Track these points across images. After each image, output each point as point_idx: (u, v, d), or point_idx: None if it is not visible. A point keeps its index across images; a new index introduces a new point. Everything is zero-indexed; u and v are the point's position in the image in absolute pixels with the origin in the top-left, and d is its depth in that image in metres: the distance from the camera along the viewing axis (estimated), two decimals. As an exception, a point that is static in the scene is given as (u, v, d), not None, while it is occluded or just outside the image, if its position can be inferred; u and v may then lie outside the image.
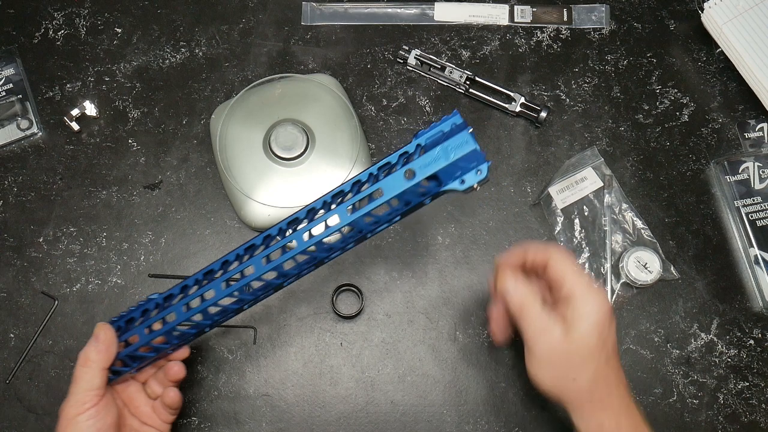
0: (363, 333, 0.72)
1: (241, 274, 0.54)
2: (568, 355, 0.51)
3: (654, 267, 0.71)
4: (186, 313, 0.55)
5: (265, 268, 0.53)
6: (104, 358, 0.56)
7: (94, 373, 0.55)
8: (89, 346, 0.56)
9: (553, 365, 0.52)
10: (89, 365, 0.55)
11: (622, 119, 0.78)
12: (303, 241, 0.52)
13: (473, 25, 0.82)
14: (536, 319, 0.52)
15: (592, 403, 0.52)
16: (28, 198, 0.76)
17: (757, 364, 0.70)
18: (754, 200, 0.74)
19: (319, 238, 0.52)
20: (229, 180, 0.72)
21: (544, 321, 0.52)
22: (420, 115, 0.78)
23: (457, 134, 0.48)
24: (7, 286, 0.73)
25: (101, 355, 0.56)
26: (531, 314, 0.52)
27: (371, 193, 0.50)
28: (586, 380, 0.52)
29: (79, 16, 0.82)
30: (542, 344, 0.52)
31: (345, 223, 0.51)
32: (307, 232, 0.52)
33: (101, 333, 0.57)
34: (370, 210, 0.50)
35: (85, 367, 0.55)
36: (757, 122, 0.78)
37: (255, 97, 0.75)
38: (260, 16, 0.82)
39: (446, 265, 0.74)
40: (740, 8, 0.77)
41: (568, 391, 0.52)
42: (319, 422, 0.70)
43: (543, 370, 0.53)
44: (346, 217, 0.51)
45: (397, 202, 0.51)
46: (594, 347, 0.51)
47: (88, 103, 0.78)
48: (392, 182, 0.49)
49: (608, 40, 0.81)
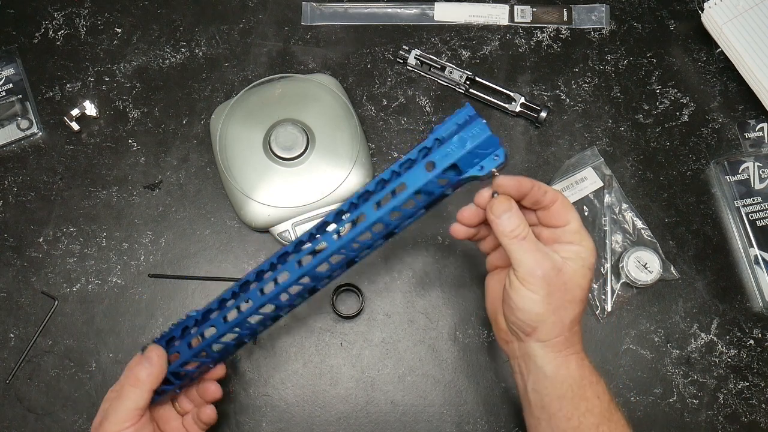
0: (363, 333, 0.72)
1: (275, 282, 0.54)
2: (564, 289, 0.51)
3: (654, 267, 0.71)
4: (225, 324, 0.56)
5: (299, 271, 0.53)
6: (154, 380, 0.56)
7: (141, 394, 0.55)
8: (140, 366, 0.56)
9: (549, 295, 0.51)
10: (139, 386, 0.55)
11: (622, 119, 0.78)
12: (333, 241, 0.53)
13: (473, 25, 0.82)
14: (536, 250, 0.51)
15: (568, 343, 0.52)
16: (28, 198, 0.76)
17: (757, 364, 0.70)
18: (754, 200, 0.74)
19: (351, 236, 0.52)
20: (229, 180, 0.72)
21: (543, 251, 0.51)
22: (420, 115, 0.78)
23: (471, 124, 0.50)
24: (7, 286, 0.73)
25: (151, 377, 0.56)
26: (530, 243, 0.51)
27: (395, 189, 0.52)
28: (569, 319, 0.52)
29: (79, 16, 0.82)
30: (541, 272, 0.51)
31: (372, 221, 0.52)
32: (336, 234, 0.53)
33: (153, 354, 0.56)
34: (397, 204, 0.51)
35: (135, 387, 0.55)
36: (757, 122, 0.78)
37: (255, 97, 0.75)
38: (260, 16, 0.82)
39: (446, 266, 0.74)
40: (740, 8, 0.77)
41: (551, 325, 0.52)
42: (319, 422, 0.70)
43: (535, 298, 0.51)
44: (374, 214, 0.52)
45: (421, 195, 0.52)
46: (584, 289, 0.52)
47: (88, 103, 0.78)
48: (414, 175, 0.51)
49: (608, 40, 0.81)
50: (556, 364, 0.52)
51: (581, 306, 0.53)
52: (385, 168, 0.77)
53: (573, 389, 0.52)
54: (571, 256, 0.52)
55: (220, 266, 0.74)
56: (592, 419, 0.52)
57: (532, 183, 0.52)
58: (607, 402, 0.53)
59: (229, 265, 0.74)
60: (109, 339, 0.72)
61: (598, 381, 0.54)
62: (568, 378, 0.52)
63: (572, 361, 0.53)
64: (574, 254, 0.52)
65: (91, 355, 0.71)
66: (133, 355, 0.71)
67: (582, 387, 0.52)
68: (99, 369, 0.71)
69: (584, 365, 0.53)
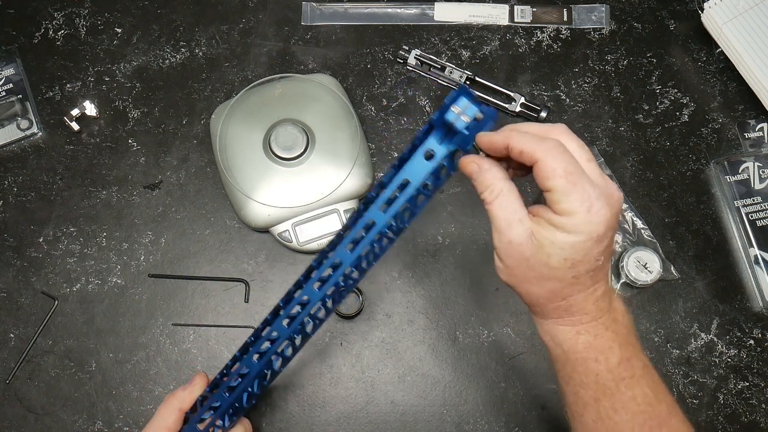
0: (363, 333, 0.72)
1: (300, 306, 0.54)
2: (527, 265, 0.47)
3: (654, 267, 0.71)
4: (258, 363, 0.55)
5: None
6: (187, 398, 0.57)
7: (171, 410, 0.57)
8: (180, 387, 0.58)
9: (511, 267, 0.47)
10: (170, 401, 0.57)
11: (622, 119, 0.78)
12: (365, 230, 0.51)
13: (473, 25, 0.82)
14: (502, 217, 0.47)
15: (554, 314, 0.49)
16: (28, 198, 0.76)
17: (757, 364, 0.70)
18: (754, 200, 0.74)
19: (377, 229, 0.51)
20: (229, 180, 0.72)
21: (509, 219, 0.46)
22: (420, 115, 0.78)
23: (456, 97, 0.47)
24: (7, 286, 0.73)
25: (186, 395, 0.57)
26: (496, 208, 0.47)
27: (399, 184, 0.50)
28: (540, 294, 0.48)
29: (79, 16, 0.82)
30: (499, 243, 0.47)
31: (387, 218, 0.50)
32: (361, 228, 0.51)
33: (197, 379, 0.58)
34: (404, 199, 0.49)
35: (167, 403, 0.57)
36: (757, 122, 0.78)
37: (255, 97, 0.75)
38: (260, 16, 0.82)
39: (446, 265, 0.74)
40: (740, 8, 0.77)
41: (522, 294, 0.48)
42: (319, 422, 0.70)
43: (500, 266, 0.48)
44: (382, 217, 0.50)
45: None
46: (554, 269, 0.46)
47: (88, 103, 0.78)
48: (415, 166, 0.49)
49: (608, 40, 0.81)
50: (545, 330, 0.50)
51: (554, 284, 0.46)
52: (385, 168, 0.77)
53: (561, 359, 0.50)
54: (542, 232, 0.45)
55: (220, 266, 0.74)
56: (588, 393, 0.49)
57: (505, 142, 0.45)
58: (607, 380, 0.48)
59: (229, 265, 0.74)
60: (109, 339, 0.72)
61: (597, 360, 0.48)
62: (555, 347, 0.50)
63: (560, 333, 0.49)
64: (546, 230, 0.45)
65: (91, 355, 0.71)
66: (135, 356, 0.71)
67: (574, 361, 0.49)
68: (99, 369, 0.71)
69: (579, 340, 0.48)
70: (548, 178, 0.43)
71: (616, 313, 0.49)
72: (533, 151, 0.44)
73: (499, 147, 0.46)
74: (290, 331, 0.53)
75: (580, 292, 0.47)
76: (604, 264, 0.47)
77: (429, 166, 0.48)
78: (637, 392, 0.49)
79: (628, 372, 0.48)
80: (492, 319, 0.72)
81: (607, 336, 0.48)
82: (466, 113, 0.46)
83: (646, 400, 0.49)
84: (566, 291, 0.47)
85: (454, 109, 0.46)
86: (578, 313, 0.48)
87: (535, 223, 0.45)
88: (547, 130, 0.46)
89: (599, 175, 0.46)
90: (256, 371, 0.55)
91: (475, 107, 0.46)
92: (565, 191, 0.43)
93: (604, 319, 0.48)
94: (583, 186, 0.44)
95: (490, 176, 0.46)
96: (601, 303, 0.48)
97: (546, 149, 0.44)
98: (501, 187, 0.46)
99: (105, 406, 0.70)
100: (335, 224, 0.72)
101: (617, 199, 0.46)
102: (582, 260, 0.45)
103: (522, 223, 0.46)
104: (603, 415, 0.49)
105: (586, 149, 0.46)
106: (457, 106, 0.46)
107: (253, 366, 0.55)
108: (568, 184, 0.43)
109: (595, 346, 0.48)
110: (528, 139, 0.44)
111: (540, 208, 0.46)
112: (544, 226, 0.45)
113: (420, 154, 0.48)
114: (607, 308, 0.48)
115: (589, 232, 0.44)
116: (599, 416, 0.49)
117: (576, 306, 0.48)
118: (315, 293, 0.52)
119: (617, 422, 0.48)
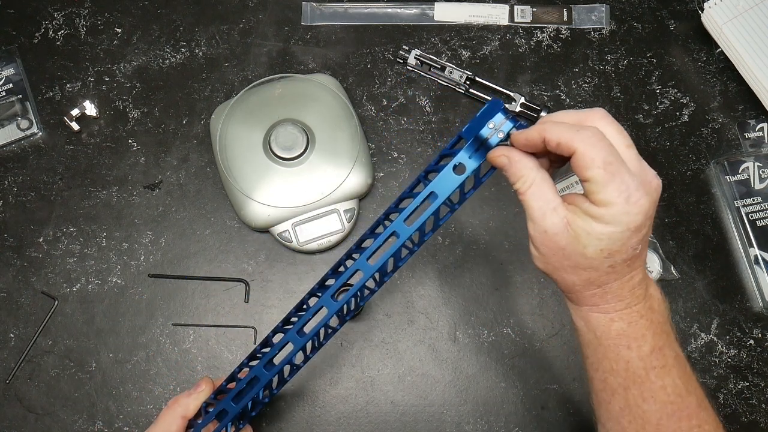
0: (363, 333, 0.72)
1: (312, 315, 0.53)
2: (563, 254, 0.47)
3: (654, 267, 0.71)
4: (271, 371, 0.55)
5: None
6: (191, 406, 0.56)
7: (175, 417, 0.56)
8: (185, 392, 0.57)
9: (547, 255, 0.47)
10: (174, 408, 0.56)
11: (622, 119, 0.78)
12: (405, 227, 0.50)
13: (473, 25, 0.82)
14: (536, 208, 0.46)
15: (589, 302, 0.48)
16: (28, 198, 0.76)
17: (757, 364, 0.70)
18: (754, 200, 0.74)
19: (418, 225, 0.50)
20: (229, 180, 0.72)
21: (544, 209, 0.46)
22: (420, 115, 0.78)
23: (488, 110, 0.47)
24: (7, 286, 0.73)
25: (191, 402, 0.56)
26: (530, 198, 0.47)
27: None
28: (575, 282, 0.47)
29: (79, 16, 0.82)
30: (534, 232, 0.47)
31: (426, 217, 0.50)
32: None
33: (202, 384, 0.57)
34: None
35: (170, 410, 0.56)
36: (757, 122, 0.78)
37: (255, 97, 0.75)
38: (260, 16, 0.82)
39: (446, 265, 0.74)
40: (740, 8, 0.77)
41: (558, 281, 0.48)
42: (319, 422, 0.70)
43: (535, 254, 0.48)
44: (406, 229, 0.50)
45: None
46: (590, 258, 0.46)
47: (88, 103, 0.78)
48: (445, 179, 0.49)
49: (608, 40, 0.81)
50: (579, 315, 0.49)
51: (590, 273, 0.46)
52: (385, 168, 0.77)
53: (593, 344, 0.49)
54: (578, 221, 0.44)
55: (220, 266, 0.74)
56: (617, 380, 0.48)
57: (541, 135, 0.44)
58: (637, 368, 0.48)
59: (229, 265, 0.74)
60: (109, 339, 0.72)
61: (630, 347, 0.48)
62: (587, 333, 0.49)
63: (594, 319, 0.48)
64: (583, 220, 0.44)
65: (91, 355, 0.71)
66: (135, 356, 0.71)
67: (606, 347, 0.48)
68: (99, 369, 0.71)
69: (612, 327, 0.48)
70: (587, 168, 0.43)
71: (653, 300, 0.49)
72: (570, 141, 0.43)
73: (536, 142, 0.45)
74: (305, 340, 0.53)
75: (616, 280, 0.47)
76: (642, 252, 0.46)
77: (458, 180, 0.48)
78: (667, 382, 0.48)
79: (660, 361, 0.48)
80: (492, 319, 0.72)
81: (641, 324, 0.48)
82: (502, 129, 0.46)
83: (676, 390, 0.48)
84: (602, 279, 0.46)
85: (490, 125, 0.46)
86: (613, 300, 0.47)
87: (570, 212, 0.45)
88: (585, 117, 0.45)
89: (637, 162, 0.45)
90: (266, 380, 0.54)
91: (510, 123, 0.46)
92: (604, 182, 0.42)
93: (640, 306, 0.48)
94: (622, 176, 0.43)
95: (521, 166, 0.46)
96: (637, 290, 0.47)
97: (583, 139, 0.43)
98: (533, 177, 0.46)
99: (105, 406, 0.70)
100: (335, 224, 0.72)
101: (656, 187, 0.45)
102: (619, 250, 0.45)
103: (557, 213, 0.45)
104: (631, 403, 0.48)
105: (625, 134, 0.45)
106: (493, 121, 0.46)
107: (264, 375, 0.54)
108: (607, 175, 0.42)
109: (629, 334, 0.48)
110: (564, 130, 0.43)
111: (576, 197, 0.46)
112: (580, 216, 0.44)
113: (449, 167, 0.48)
114: (643, 296, 0.48)
115: (627, 222, 0.43)
116: (627, 404, 0.48)
117: (611, 293, 0.47)
118: (333, 304, 0.52)
119: (645, 411, 0.48)
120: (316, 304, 0.53)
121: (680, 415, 0.48)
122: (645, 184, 0.44)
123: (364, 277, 0.51)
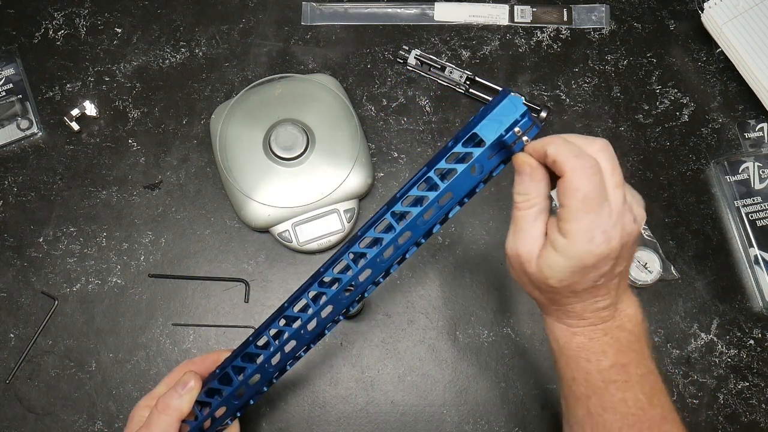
0: (363, 333, 0.72)
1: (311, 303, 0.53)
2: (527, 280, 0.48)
3: (654, 267, 0.71)
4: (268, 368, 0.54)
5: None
6: (185, 408, 0.54)
7: (171, 422, 0.53)
8: (173, 392, 0.54)
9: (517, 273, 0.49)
10: (168, 413, 0.53)
11: (622, 119, 0.78)
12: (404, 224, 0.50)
13: (473, 25, 0.82)
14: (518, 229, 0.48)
15: (555, 315, 0.49)
16: (28, 198, 0.76)
17: (757, 364, 0.70)
18: (754, 200, 0.74)
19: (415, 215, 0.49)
20: (229, 180, 0.72)
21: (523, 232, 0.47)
22: (420, 115, 0.78)
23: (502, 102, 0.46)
24: (7, 286, 0.73)
25: (184, 404, 0.54)
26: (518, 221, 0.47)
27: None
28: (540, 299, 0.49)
29: (79, 16, 0.82)
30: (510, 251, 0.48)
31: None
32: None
33: (191, 380, 0.54)
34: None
35: (164, 414, 0.53)
36: (757, 122, 0.78)
37: (255, 97, 0.75)
38: (260, 16, 0.82)
39: (446, 265, 0.74)
40: (740, 8, 0.77)
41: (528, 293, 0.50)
42: (319, 422, 0.70)
43: (511, 271, 0.49)
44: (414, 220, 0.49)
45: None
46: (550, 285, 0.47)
47: (88, 103, 0.78)
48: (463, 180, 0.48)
49: (608, 40, 0.81)
50: (546, 324, 0.51)
51: (553, 295, 0.47)
52: (385, 168, 0.77)
53: (557, 353, 0.51)
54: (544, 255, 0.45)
55: (220, 266, 0.74)
56: (579, 388, 0.50)
57: (543, 148, 0.44)
58: (596, 380, 0.49)
59: (229, 265, 0.74)
60: (109, 339, 0.72)
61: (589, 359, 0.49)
62: (553, 342, 0.51)
63: (557, 329, 0.50)
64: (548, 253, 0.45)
65: (91, 355, 0.71)
66: (135, 356, 0.71)
67: (568, 357, 0.50)
68: (99, 369, 0.71)
69: (573, 339, 0.49)
70: (567, 195, 0.43)
71: (624, 320, 0.49)
72: (565, 163, 0.43)
73: (539, 153, 0.45)
74: (311, 336, 0.53)
75: (578, 303, 0.48)
76: (607, 283, 0.47)
77: (475, 180, 0.48)
78: (628, 396, 0.49)
79: (621, 376, 0.49)
80: (492, 319, 0.72)
81: (603, 340, 0.49)
82: (528, 135, 0.47)
83: (638, 404, 0.49)
84: (564, 301, 0.48)
85: (517, 131, 0.46)
86: (575, 318, 0.49)
87: (543, 246, 0.46)
88: (587, 144, 0.45)
89: (621, 204, 0.45)
90: (268, 377, 0.54)
91: (536, 128, 0.47)
92: (576, 215, 0.43)
93: (605, 325, 0.49)
94: (596, 216, 0.43)
95: (535, 185, 0.46)
96: (602, 313, 0.48)
97: (577, 165, 0.43)
98: (537, 203, 0.46)
99: (105, 406, 0.70)
100: (335, 224, 0.72)
101: (630, 231, 0.45)
102: (578, 281, 0.46)
103: (535, 243, 0.46)
104: (592, 411, 0.50)
105: (618, 172, 0.46)
106: (520, 128, 0.46)
107: (267, 373, 0.54)
108: (582, 209, 0.43)
109: (588, 348, 0.49)
110: (566, 151, 0.44)
111: (551, 221, 0.46)
112: (547, 249, 0.45)
113: (467, 168, 0.48)
114: (610, 317, 0.49)
115: (584, 259, 0.44)
116: (589, 412, 0.50)
117: (573, 312, 0.48)
118: (341, 302, 0.52)
119: (606, 420, 0.49)
120: (325, 302, 0.52)
121: (641, 426, 0.49)
122: (620, 227, 0.44)
123: (374, 275, 0.51)
